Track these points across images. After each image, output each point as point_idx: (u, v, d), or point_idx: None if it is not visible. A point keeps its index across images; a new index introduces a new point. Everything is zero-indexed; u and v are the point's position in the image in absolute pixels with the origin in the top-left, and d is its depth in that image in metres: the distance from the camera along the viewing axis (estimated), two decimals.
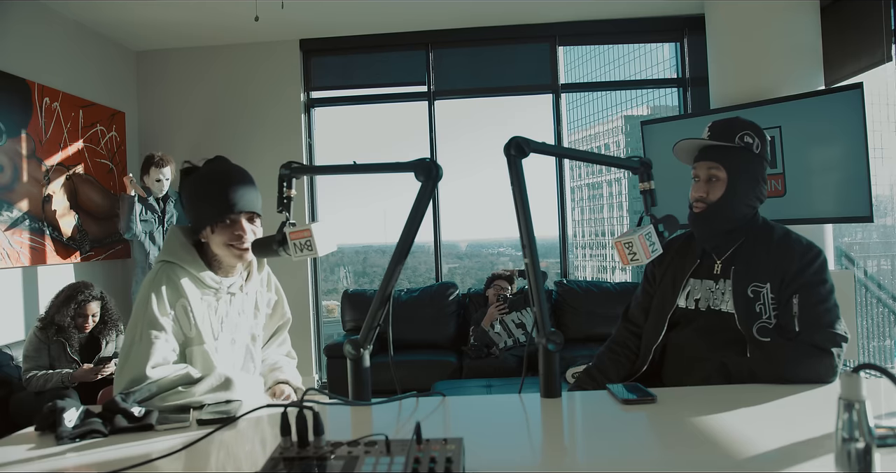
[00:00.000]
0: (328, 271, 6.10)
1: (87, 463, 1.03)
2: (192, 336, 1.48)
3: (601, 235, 14.89)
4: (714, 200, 1.54)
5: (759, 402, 1.21)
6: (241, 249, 1.51)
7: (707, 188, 1.55)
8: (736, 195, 1.53)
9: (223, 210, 1.48)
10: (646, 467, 0.92)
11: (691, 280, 1.61)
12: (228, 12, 3.95)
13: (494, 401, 1.45)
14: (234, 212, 1.49)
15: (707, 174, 1.56)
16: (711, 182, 1.55)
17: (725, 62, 3.73)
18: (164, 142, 4.45)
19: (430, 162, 1.38)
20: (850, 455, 0.74)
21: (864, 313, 3.98)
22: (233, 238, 1.50)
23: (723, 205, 1.53)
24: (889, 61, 3.34)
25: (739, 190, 1.53)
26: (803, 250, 1.49)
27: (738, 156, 1.54)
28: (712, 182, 1.55)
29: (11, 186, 3.34)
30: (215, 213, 1.49)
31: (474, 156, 12.81)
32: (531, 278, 1.33)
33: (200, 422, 1.19)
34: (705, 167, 1.56)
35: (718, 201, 1.54)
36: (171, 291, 1.45)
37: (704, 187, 1.56)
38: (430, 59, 4.59)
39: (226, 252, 1.51)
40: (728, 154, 1.54)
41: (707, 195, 1.55)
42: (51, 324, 2.91)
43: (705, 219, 1.56)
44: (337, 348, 3.88)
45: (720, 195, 1.54)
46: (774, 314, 1.46)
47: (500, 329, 3.86)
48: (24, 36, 3.52)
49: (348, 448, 0.87)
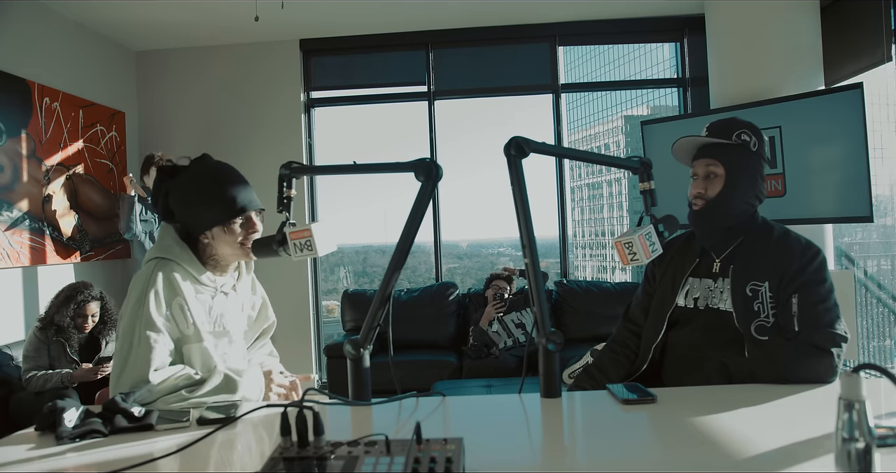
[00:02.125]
0: (328, 271, 6.10)
1: (87, 463, 1.03)
2: (190, 334, 1.46)
3: (601, 235, 14.89)
4: (712, 197, 1.55)
5: (759, 402, 1.21)
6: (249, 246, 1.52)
7: (705, 184, 1.56)
8: (734, 191, 1.53)
9: (236, 210, 1.49)
10: (646, 467, 0.92)
11: (690, 279, 1.61)
12: (228, 12, 3.95)
13: (494, 401, 1.45)
14: (247, 211, 1.50)
15: (705, 171, 1.56)
16: (709, 178, 1.56)
17: (725, 62, 3.73)
18: (164, 142, 4.45)
19: (430, 162, 1.38)
20: (850, 455, 0.74)
21: (864, 313, 3.98)
22: (246, 236, 1.51)
23: (721, 201, 1.54)
24: (889, 61, 3.34)
25: (738, 186, 1.53)
26: (802, 249, 1.49)
27: (735, 153, 1.54)
28: (710, 178, 1.56)
29: (11, 186, 3.34)
30: (227, 214, 1.48)
31: (474, 156, 12.82)
32: (531, 278, 1.33)
33: (200, 422, 1.19)
34: (703, 164, 1.57)
35: (717, 197, 1.54)
36: (167, 289, 1.44)
37: (703, 184, 1.57)
38: (430, 59, 4.59)
39: (236, 250, 1.51)
40: (726, 151, 1.55)
41: (705, 191, 1.56)
42: (50, 324, 2.91)
43: (704, 216, 1.56)
44: (337, 348, 3.88)
45: (718, 191, 1.54)
46: (772, 313, 1.46)
47: (499, 329, 3.87)
48: (24, 36, 3.52)
49: (348, 448, 0.87)
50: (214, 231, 1.50)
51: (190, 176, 1.52)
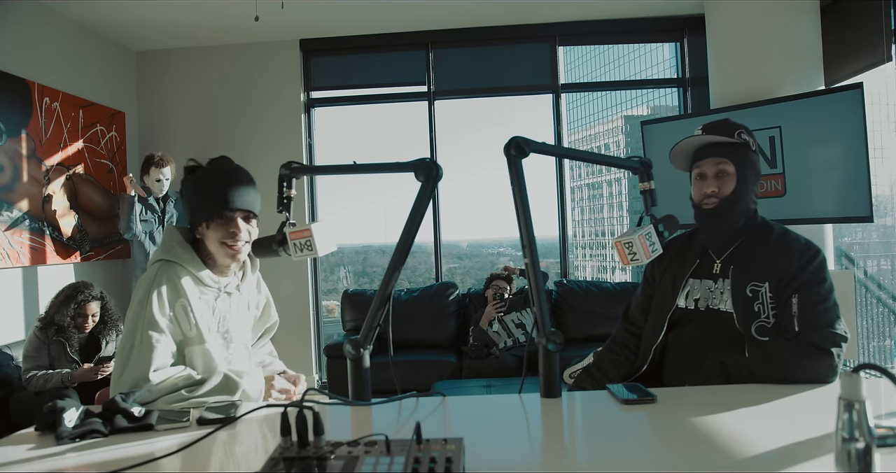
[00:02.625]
0: (328, 271, 6.10)
1: (87, 463, 1.03)
2: (192, 335, 1.47)
3: (601, 235, 14.90)
4: (727, 194, 1.53)
5: (759, 402, 1.21)
6: (234, 249, 1.50)
7: (718, 183, 1.54)
8: (745, 189, 1.53)
9: (219, 206, 1.48)
10: (646, 467, 0.92)
11: (691, 280, 1.61)
12: (228, 12, 3.95)
13: (494, 401, 1.45)
14: (229, 208, 1.48)
15: (716, 169, 1.54)
16: (721, 177, 1.54)
17: (725, 62, 3.73)
18: (164, 142, 4.45)
19: (430, 162, 1.39)
20: (850, 455, 0.74)
21: (864, 313, 3.98)
22: (227, 235, 1.49)
23: (735, 199, 1.53)
24: (889, 61, 3.34)
25: (748, 184, 1.54)
26: (802, 249, 1.49)
27: (742, 151, 1.55)
28: (721, 177, 1.54)
29: (11, 186, 3.34)
30: (211, 209, 1.48)
31: (474, 156, 12.82)
32: (531, 278, 1.33)
33: (200, 422, 1.19)
34: (712, 163, 1.55)
35: (731, 195, 1.52)
36: (170, 291, 1.45)
37: (715, 182, 1.54)
38: (430, 59, 4.58)
39: (219, 250, 1.51)
40: (733, 148, 1.54)
41: (719, 190, 1.53)
42: (50, 324, 2.91)
43: (719, 215, 1.54)
44: (337, 348, 3.88)
45: (732, 188, 1.53)
46: (773, 313, 1.46)
47: (499, 329, 3.86)
48: (24, 36, 3.52)
49: (348, 448, 0.87)
50: (203, 227, 1.51)
51: (202, 173, 1.54)
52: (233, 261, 1.54)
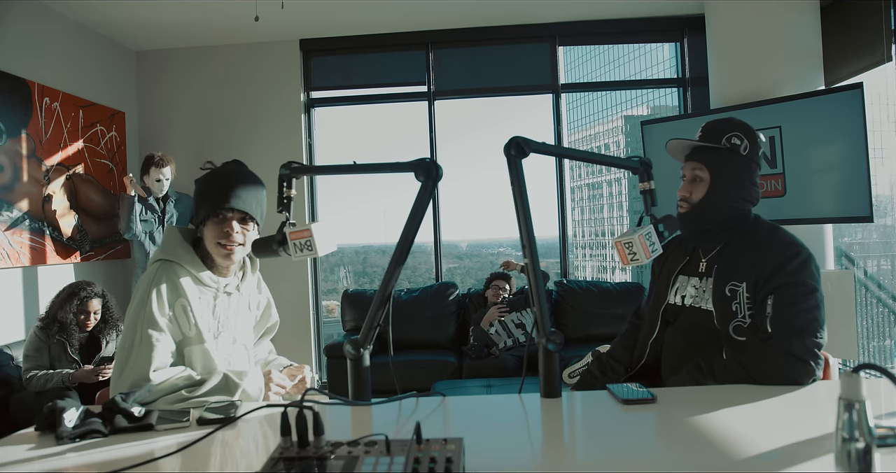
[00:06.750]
0: (328, 271, 6.10)
1: (87, 463, 1.03)
2: (192, 335, 1.47)
3: (601, 235, 14.91)
4: (696, 201, 1.56)
5: (760, 402, 1.21)
6: (228, 249, 1.50)
7: (690, 188, 1.57)
8: (718, 196, 1.53)
9: (216, 204, 1.48)
10: (646, 467, 0.92)
11: (680, 277, 1.64)
12: (228, 12, 3.95)
13: (494, 401, 1.45)
14: (224, 208, 1.48)
15: (692, 174, 1.57)
16: (695, 182, 1.57)
17: (725, 62, 3.73)
18: (163, 142, 4.45)
19: (430, 162, 1.38)
20: (850, 455, 0.74)
21: (864, 313, 3.98)
22: (221, 235, 1.49)
23: (703, 206, 1.54)
24: (889, 61, 3.34)
25: (722, 191, 1.52)
26: (782, 249, 1.46)
27: (722, 158, 1.53)
28: (696, 182, 1.57)
29: (11, 186, 3.34)
30: (209, 207, 1.49)
31: (474, 156, 12.83)
32: (531, 278, 1.33)
33: (200, 422, 1.19)
34: (690, 167, 1.58)
35: (700, 202, 1.55)
36: (170, 290, 1.45)
37: (688, 187, 1.58)
38: (429, 59, 4.59)
39: (215, 249, 1.51)
40: (713, 155, 1.54)
41: (690, 195, 1.57)
42: (53, 322, 2.91)
43: (686, 220, 1.58)
44: (337, 348, 3.88)
45: (702, 196, 1.55)
46: (749, 313, 1.45)
47: (499, 329, 3.86)
48: (24, 36, 3.52)
49: (348, 448, 0.87)
50: (202, 226, 1.52)
51: (209, 174, 1.55)
52: (227, 262, 1.54)
